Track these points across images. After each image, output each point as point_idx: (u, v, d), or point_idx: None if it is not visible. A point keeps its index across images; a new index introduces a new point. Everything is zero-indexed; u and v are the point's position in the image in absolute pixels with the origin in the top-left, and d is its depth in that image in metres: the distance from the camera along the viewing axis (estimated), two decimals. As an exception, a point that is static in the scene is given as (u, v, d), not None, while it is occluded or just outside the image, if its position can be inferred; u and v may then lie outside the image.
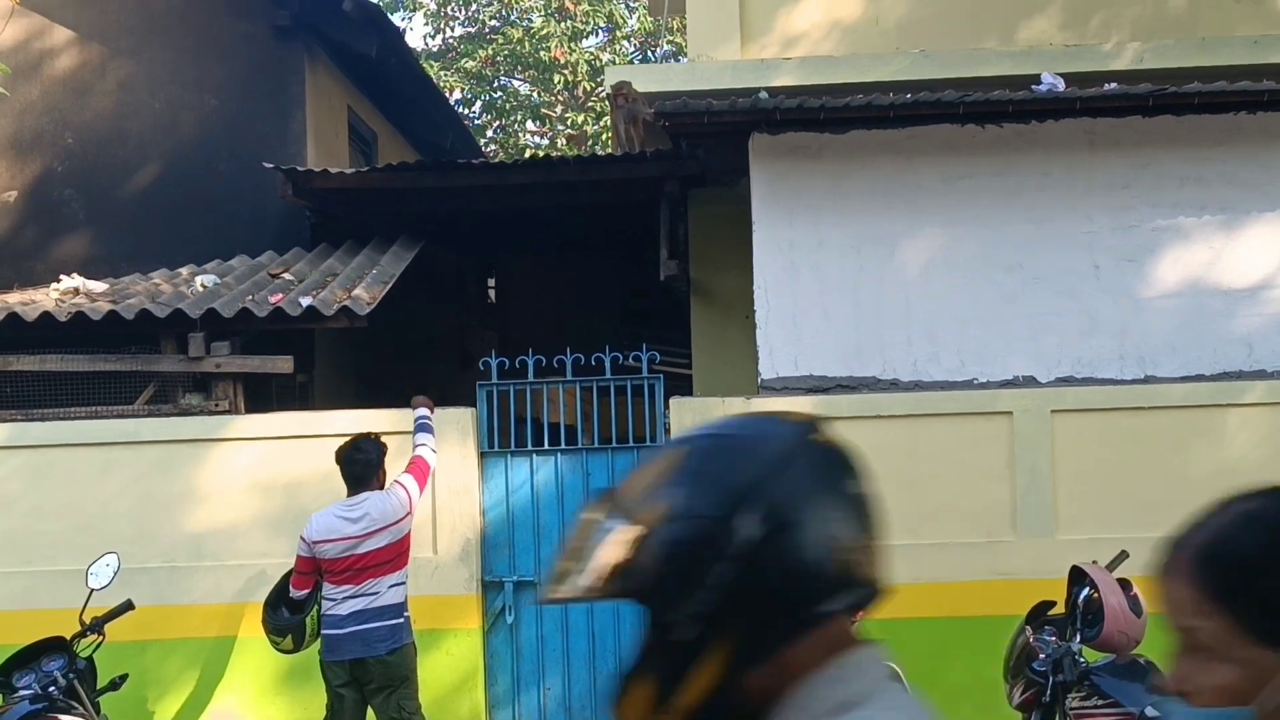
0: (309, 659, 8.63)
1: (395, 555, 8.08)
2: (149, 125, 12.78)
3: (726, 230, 11.13)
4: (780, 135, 10.07)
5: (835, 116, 9.89)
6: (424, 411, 9.08)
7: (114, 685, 7.37)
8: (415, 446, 8.71)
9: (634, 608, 1.89)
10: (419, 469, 8.47)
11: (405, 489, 8.23)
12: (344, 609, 7.94)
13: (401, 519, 8.12)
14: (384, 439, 8.59)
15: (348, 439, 8.43)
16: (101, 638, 7.41)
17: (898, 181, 10.03)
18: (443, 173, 11.91)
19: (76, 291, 11.07)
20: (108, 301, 10.51)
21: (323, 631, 8.06)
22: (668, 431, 9.64)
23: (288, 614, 8.23)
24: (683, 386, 11.26)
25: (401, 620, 8.06)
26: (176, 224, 12.49)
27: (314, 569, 8.06)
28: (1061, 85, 10.18)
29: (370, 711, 8.19)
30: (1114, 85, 10.09)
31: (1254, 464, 9.35)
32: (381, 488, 8.20)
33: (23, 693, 6.99)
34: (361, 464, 8.15)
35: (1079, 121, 9.92)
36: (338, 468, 8.25)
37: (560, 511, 9.79)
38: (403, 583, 8.11)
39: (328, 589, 8.03)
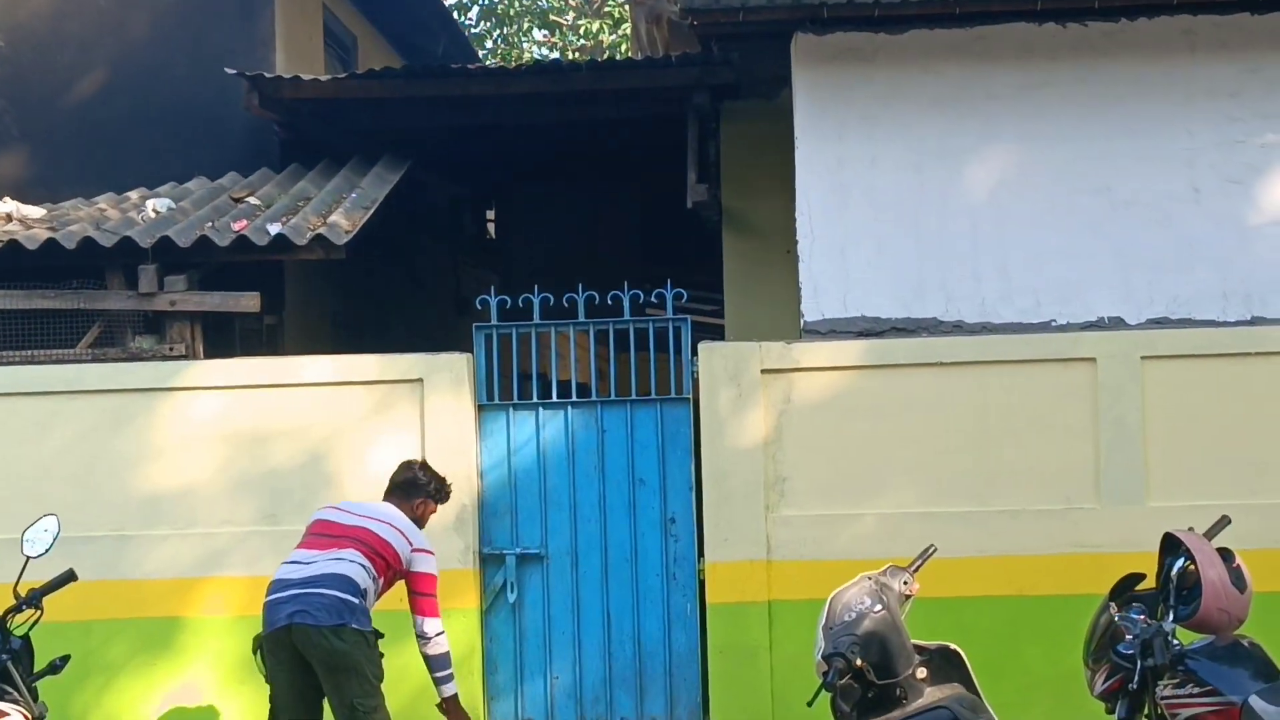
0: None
1: (380, 552, 8.07)
2: (93, 26, 12.77)
3: (765, 149, 11.11)
4: (828, 36, 10.06)
5: (892, 14, 9.87)
6: None
7: (54, 668, 7.39)
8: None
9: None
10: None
11: (428, 552, 8.28)
12: (294, 572, 7.96)
13: (408, 546, 8.16)
14: (355, 388, 9.22)
15: (403, 464, 8.58)
16: (39, 613, 7.41)
17: (965, 90, 10.02)
18: (433, 80, 11.89)
19: (9, 218, 11.11)
20: (45, 229, 10.55)
21: (266, 599, 7.98)
22: (695, 382, 9.65)
23: None
24: (715, 333, 11.26)
25: (358, 602, 7.90)
26: (125, 141, 12.49)
27: None
28: (1157, -23, 10.15)
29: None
30: (1219, -24, 10.05)
31: (1380, 420, 9.37)
32: (411, 515, 8.36)
33: (-50, 675, 7.04)
34: (411, 481, 8.44)
35: (1176, 19, 9.89)
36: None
37: (571, 474, 9.82)
38: (369, 570, 7.99)
39: (293, 555, 8.09)
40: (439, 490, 8.51)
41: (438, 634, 8.21)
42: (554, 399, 9.86)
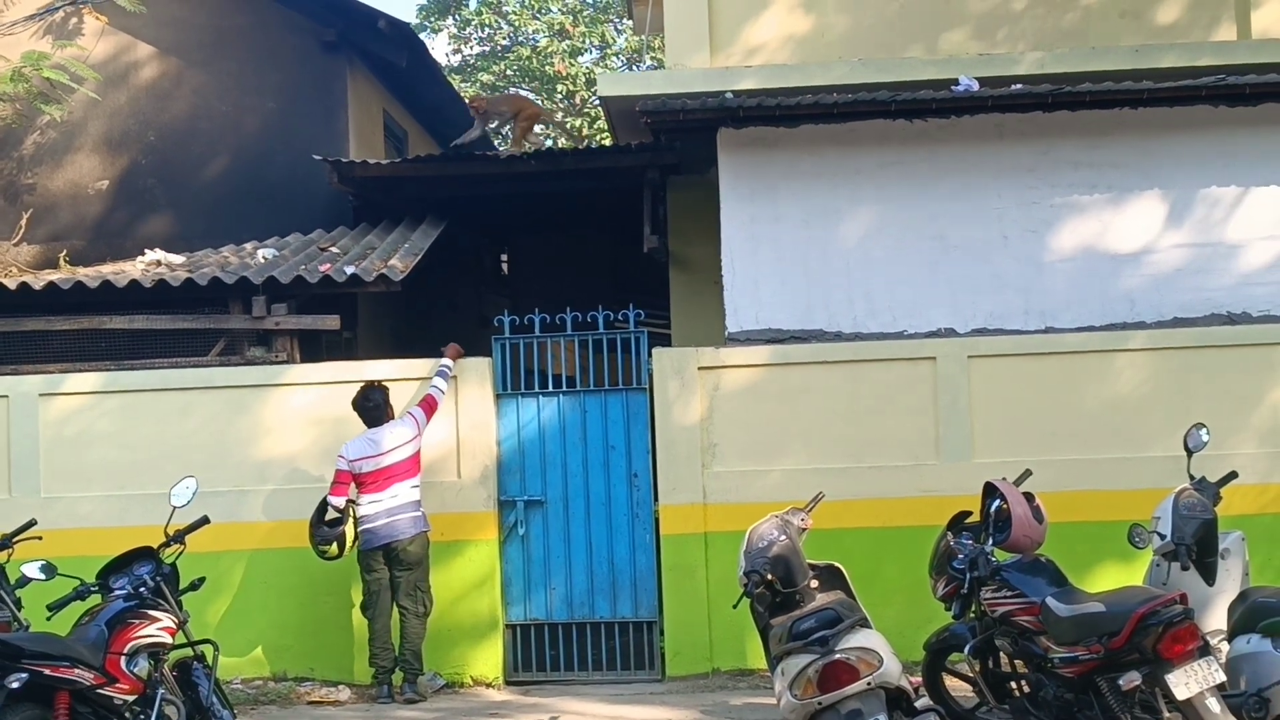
0: (347, 566, 9.09)
1: (409, 466, 9.08)
2: (218, 125, 12.65)
3: (699, 210, 11.01)
4: (743, 129, 10.00)
5: (788, 113, 9.83)
6: (447, 361, 9.55)
7: (193, 586, 7.34)
8: (431, 385, 9.40)
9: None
10: (429, 404, 9.33)
11: (415, 419, 9.20)
12: (377, 508, 8.98)
13: (412, 439, 9.12)
14: (410, 383, 9.55)
15: (358, 389, 9.22)
16: (183, 547, 7.36)
17: (840, 167, 9.95)
18: (463, 163, 11.82)
19: (159, 263, 11.05)
20: (185, 271, 10.48)
21: (361, 529, 8.95)
22: (650, 376, 9.61)
23: (327, 529, 8.97)
24: (664, 341, 11.22)
25: (419, 514, 9.07)
26: (241, 207, 12.36)
27: (350, 480, 9.02)
28: (976, 86, 10.10)
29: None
30: (1019, 86, 10.00)
31: (1135, 400, 9.39)
32: (392, 418, 9.19)
33: (118, 592, 6.97)
34: (373, 408, 9.18)
35: (990, 116, 9.86)
36: (355, 412, 9.21)
37: (563, 442, 9.75)
38: (417, 485, 9.04)
39: (363, 499, 8.95)
40: (387, 395, 9.24)
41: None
42: (550, 389, 9.80)
